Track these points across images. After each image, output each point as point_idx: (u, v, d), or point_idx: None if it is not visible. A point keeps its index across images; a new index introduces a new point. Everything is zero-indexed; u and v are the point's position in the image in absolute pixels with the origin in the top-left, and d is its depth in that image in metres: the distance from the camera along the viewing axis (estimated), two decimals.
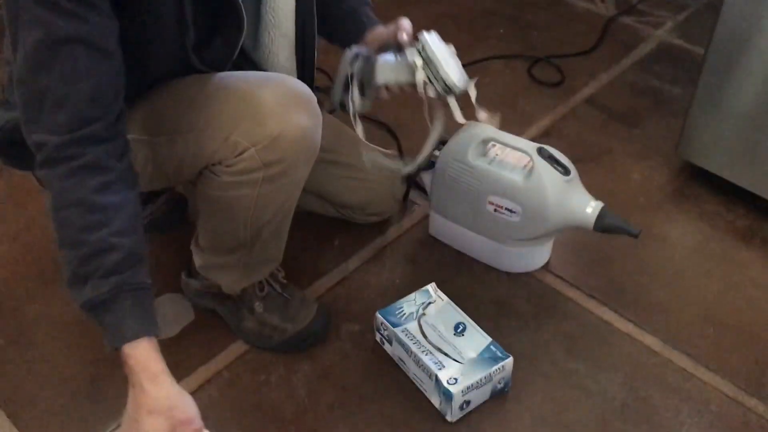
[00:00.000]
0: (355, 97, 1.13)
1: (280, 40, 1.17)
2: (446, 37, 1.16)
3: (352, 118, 1.15)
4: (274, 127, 1.00)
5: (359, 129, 1.16)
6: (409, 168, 1.29)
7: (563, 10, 2.19)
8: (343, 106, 1.15)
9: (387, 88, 1.16)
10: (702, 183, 1.58)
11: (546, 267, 1.42)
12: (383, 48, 1.16)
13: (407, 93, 1.16)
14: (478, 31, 2.08)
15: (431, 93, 1.14)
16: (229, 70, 1.16)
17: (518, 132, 1.70)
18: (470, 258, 1.43)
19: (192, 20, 0.99)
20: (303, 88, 1.06)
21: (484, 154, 1.34)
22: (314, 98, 1.06)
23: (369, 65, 1.13)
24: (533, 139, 1.35)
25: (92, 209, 0.88)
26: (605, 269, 1.42)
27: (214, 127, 1.02)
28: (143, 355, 0.89)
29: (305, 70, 1.23)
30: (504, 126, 1.36)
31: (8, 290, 1.41)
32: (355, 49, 1.15)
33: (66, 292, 0.90)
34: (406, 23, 1.15)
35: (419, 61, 1.11)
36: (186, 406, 0.91)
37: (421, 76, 1.12)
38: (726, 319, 1.32)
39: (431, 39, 1.12)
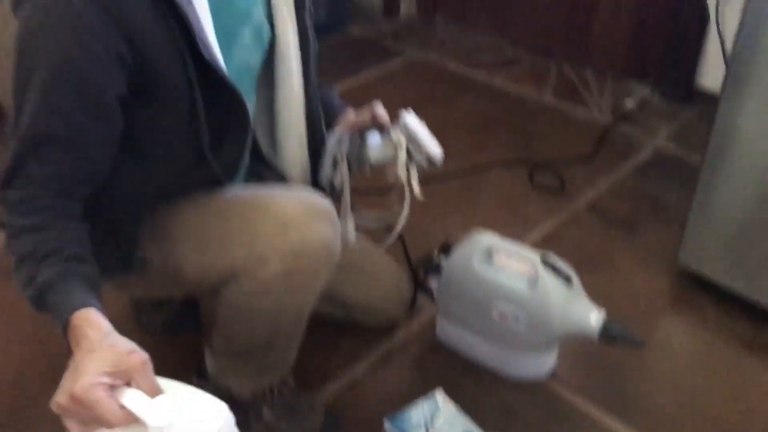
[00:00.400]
0: (344, 175, 1.24)
1: (294, 138, 1.24)
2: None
3: (343, 192, 1.25)
4: (297, 238, 1.04)
5: (348, 200, 1.25)
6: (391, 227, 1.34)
7: (561, 117, 2.29)
8: (332, 187, 1.26)
9: (371, 165, 1.26)
10: (703, 290, 1.61)
11: (552, 374, 1.44)
12: (361, 131, 1.26)
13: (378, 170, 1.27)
14: (479, 137, 2.17)
15: (407, 171, 1.23)
16: (245, 172, 1.22)
17: (520, 237, 1.76)
18: (477, 364, 1.45)
19: (205, 119, 1.03)
20: (322, 199, 1.11)
21: (489, 261, 1.38)
22: (333, 209, 1.11)
23: (357, 145, 1.25)
24: (535, 245, 1.40)
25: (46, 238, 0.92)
26: (611, 377, 1.44)
27: (238, 238, 1.06)
28: (88, 314, 0.86)
29: (317, 165, 1.29)
30: (505, 231, 1.41)
31: (21, 390, 1.42)
32: (337, 132, 1.25)
33: None
34: (380, 108, 1.24)
35: (403, 140, 1.22)
36: (129, 342, 0.84)
37: (404, 154, 1.22)
38: (733, 429, 1.33)
39: (411, 118, 1.23)
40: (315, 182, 1.31)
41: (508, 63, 2.61)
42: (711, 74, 2.25)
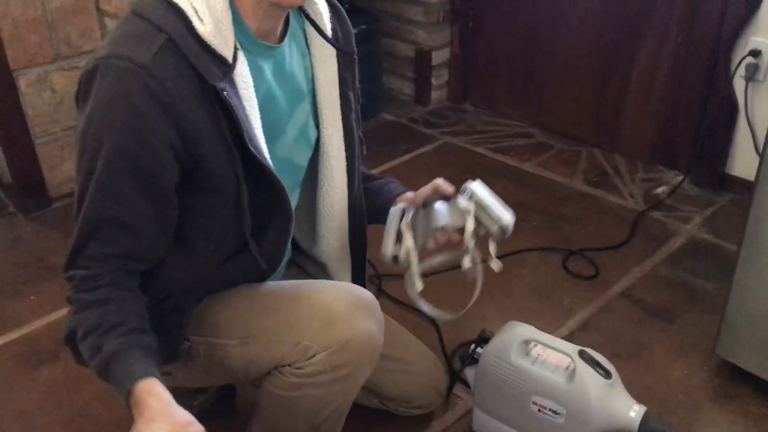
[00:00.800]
0: (410, 247, 1.18)
1: (335, 232, 1.27)
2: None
3: (411, 268, 1.19)
4: (344, 333, 1.07)
5: (418, 281, 1.19)
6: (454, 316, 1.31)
7: (594, 203, 2.31)
8: (396, 260, 1.20)
9: (436, 236, 1.21)
10: (744, 382, 1.59)
11: None
12: (425, 203, 1.22)
13: (453, 242, 1.22)
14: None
15: (477, 239, 1.19)
16: (287, 263, 1.25)
17: (555, 325, 1.76)
18: None
19: (249, 207, 1.07)
20: (367, 294, 1.14)
21: (527, 353, 1.39)
22: (377, 303, 1.14)
23: (422, 216, 1.19)
24: (571, 333, 1.40)
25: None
26: None
27: (285, 332, 1.09)
28: (150, 384, 0.94)
29: (358, 259, 1.32)
30: (541, 319, 1.41)
31: None
32: (400, 205, 1.23)
33: None
34: (443, 180, 1.22)
35: (472, 207, 1.17)
36: (187, 414, 0.92)
37: (472, 222, 1.17)
38: None
39: (477, 185, 1.19)
40: (355, 274, 1.34)
41: (538, 148, 2.66)
42: (742, 161, 2.27)
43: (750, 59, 2.12)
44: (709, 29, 2.21)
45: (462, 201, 1.18)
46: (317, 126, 1.20)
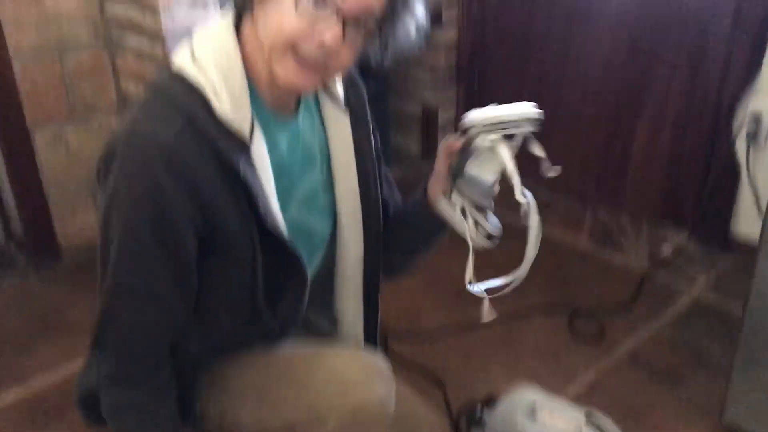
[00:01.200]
0: (484, 223, 1.11)
1: (351, 290, 1.29)
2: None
3: (488, 241, 1.13)
4: (356, 399, 1.09)
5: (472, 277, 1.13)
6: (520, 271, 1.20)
7: (599, 263, 2.33)
8: (490, 237, 1.12)
9: (493, 193, 1.12)
10: None
11: None
12: (452, 169, 1.12)
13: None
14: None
15: (515, 146, 1.08)
16: (299, 321, 1.26)
17: (562, 387, 1.76)
18: None
19: (263, 276, 1.09)
20: (380, 361, 1.15)
21: (533, 418, 1.39)
22: (390, 370, 1.15)
23: (462, 184, 1.10)
24: (577, 396, 1.40)
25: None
26: None
27: (299, 398, 1.10)
28: None
29: (371, 314, 1.33)
30: (547, 380, 1.42)
31: None
32: (441, 197, 1.14)
33: None
34: (447, 144, 1.14)
35: (494, 135, 1.06)
36: None
37: (506, 151, 1.07)
38: None
39: (477, 115, 1.08)
40: (367, 329, 1.35)
41: (542, 206, 2.68)
42: (746, 222, 2.29)
43: (751, 123, 2.16)
44: (710, 93, 2.26)
45: (478, 141, 1.07)
46: (333, 191, 1.23)
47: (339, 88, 1.19)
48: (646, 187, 2.53)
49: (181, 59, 1.02)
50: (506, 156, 1.07)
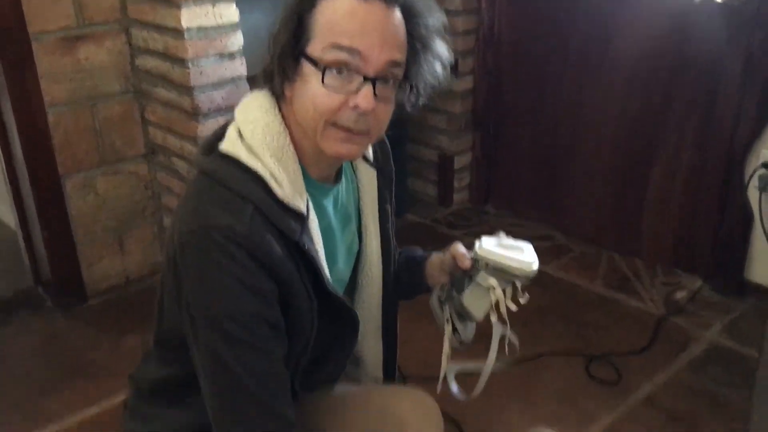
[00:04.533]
0: (462, 331, 1.23)
1: (372, 331, 1.32)
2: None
3: (459, 345, 1.24)
4: None
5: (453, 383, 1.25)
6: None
7: (614, 307, 2.35)
8: (462, 343, 1.25)
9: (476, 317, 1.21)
10: None
11: None
12: (454, 279, 1.23)
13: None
14: (535, 326, 2.24)
15: (508, 294, 1.17)
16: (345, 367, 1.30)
17: (578, 431, 1.78)
18: None
19: (315, 334, 1.11)
20: (431, 401, 1.21)
21: None
22: (438, 408, 1.20)
23: (459, 307, 1.20)
24: None
25: None
26: None
27: None
28: None
29: (389, 354, 1.37)
30: (564, 425, 1.44)
31: None
32: (435, 293, 1.26)
33: None
34: (460, 249, 1.21)
35: (494, 281, 1.16)
36: None
37: (500, 294, 1.15)
38: None
39: (487, 247, 1.17)
40: (386, 369, 1.38)
41: (558, 251, 2.73)
42: (759, 268, 2.31)
43: (763, 171, 2.20)
44: (722, 141, 2.31)
45: (481, 277, 1.17)
46: (360, 239, 1.28)
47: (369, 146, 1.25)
48: (661, 234, 2.57)
49: (232, 142, 1.04)
50: (497, 305, 1.17)
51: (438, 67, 1.09)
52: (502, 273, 1.17)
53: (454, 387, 1.29)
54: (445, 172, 3.06)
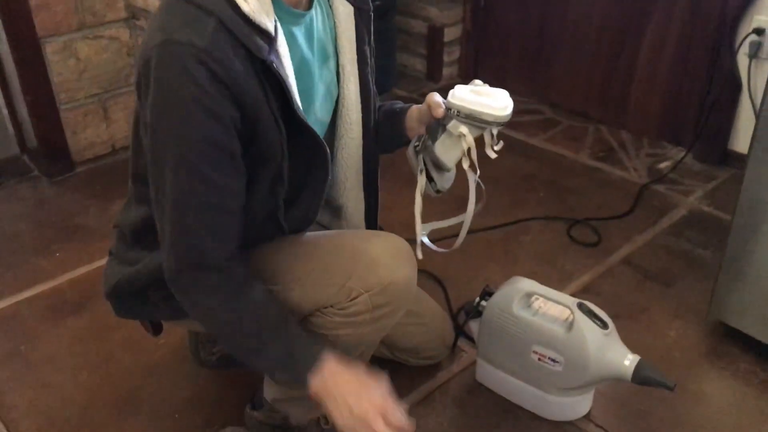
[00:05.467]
0: (438, 179, 1.28)
1: (353, 177, 1.35)
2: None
3: (435, 194, 1.30)
4: (386, 276, 1.16)
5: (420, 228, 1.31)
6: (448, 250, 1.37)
7: (599, 176, 2.38)
8: (438, 192, 1.30)
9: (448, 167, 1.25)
10: (735, 342, 1.66)
11: (587, 416, 1.49)
12: (429, 128, 1.25)
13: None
14: (519, 193, 2.27)
15: (488, 140, 1.21)
16: (318, 213, 1.31)
17: (558, 288, 1.81)
18: (515, 405, 1.52)
19: (287, 175, 1.14)
20: (404, 243, 1.23)
21: (528, 306, 1.46)
22: (412, 251, 1.23)
23: (432, 156, 1.23)
24: (573, 295, 1.47)
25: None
26: (644, 421, 1.49)
27: (331, 275, 1.17)
28: (328, 363, 1.10)
29: (371, 202, 1.39)
30: (544, 282, 1.49)
31: (87, 416, 1.53)
32: (412, 144, 1.29)
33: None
34: (435, 98, 1.22)
35: (464, 128, 1.17)
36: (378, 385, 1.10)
37: (470, 141, 1.18)
38: None
39: (460, 94, 1.17)
40: (368, 216, 1.41)
41: (546, 124, 2.73)
42: (744, 137, 2.33)
43: (754, 37, 2.18)
44: (713, 7, 2.27)
45: (453, 127, 1.18)
46: (338, 82, 1.27)
47: None
48: (648, 105, 2.57)
49: None
50: (467, 153, 1.20)
51: None
52: (474, 120, 1.17)
53: (428, 241, 1.34)
54: (434, 45, 3.01)
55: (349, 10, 1.23)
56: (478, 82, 1.24)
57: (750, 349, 1.64)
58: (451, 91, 1.19)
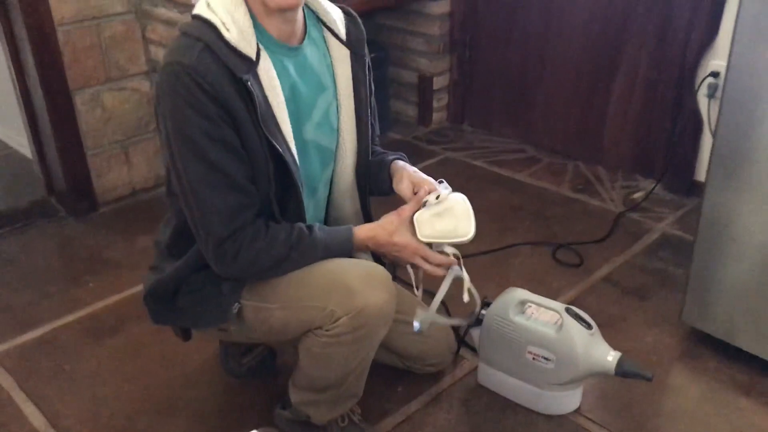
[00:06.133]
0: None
1: (345, 194, 1.56)
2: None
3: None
4: (360, 301, 1.33)
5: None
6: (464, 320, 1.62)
7: (579, 206, 2.62)
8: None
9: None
10: (705, 344, 1.87)
11: (578, 410, 1.69)
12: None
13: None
14: (508, 222, 2.50)
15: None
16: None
17: None
18: (513, 402, 1.71)
19: (275, 180, 1.36)
20: (382, 270, 1.40)
21: (523, 312, 1.68)
22: (390, 278, 1.41)
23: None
24: None
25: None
26: (628, 412, 1.69)
27: (316, 300, 1.35)
28: (359, 232, 1.43)
29: (366, 220, 1.59)
30: None
31: (131, 423, 1.70)
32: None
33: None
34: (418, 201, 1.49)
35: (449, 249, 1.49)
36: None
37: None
38: None
39: (425, 231, 1.44)
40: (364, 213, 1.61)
41: (529, 161, 2.98)
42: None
43: (711, 79, 2.45)
44: (675, 54, 2.55)
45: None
46: (337, 110, 1.49)
47: (341, 27, 1.46)
48: (621, 142, 2.83)
49: (199, 7, 1.31)
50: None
51: None
52: (441, 246, 1.47)
53: (417, 325, 1.56)
54: (425, 92, 3.27)
55: (346, 52, 1.46)
56: (441, 187, 1.53)
57: (718, 350, 1.85)
58: (416, 224, 1.45)
